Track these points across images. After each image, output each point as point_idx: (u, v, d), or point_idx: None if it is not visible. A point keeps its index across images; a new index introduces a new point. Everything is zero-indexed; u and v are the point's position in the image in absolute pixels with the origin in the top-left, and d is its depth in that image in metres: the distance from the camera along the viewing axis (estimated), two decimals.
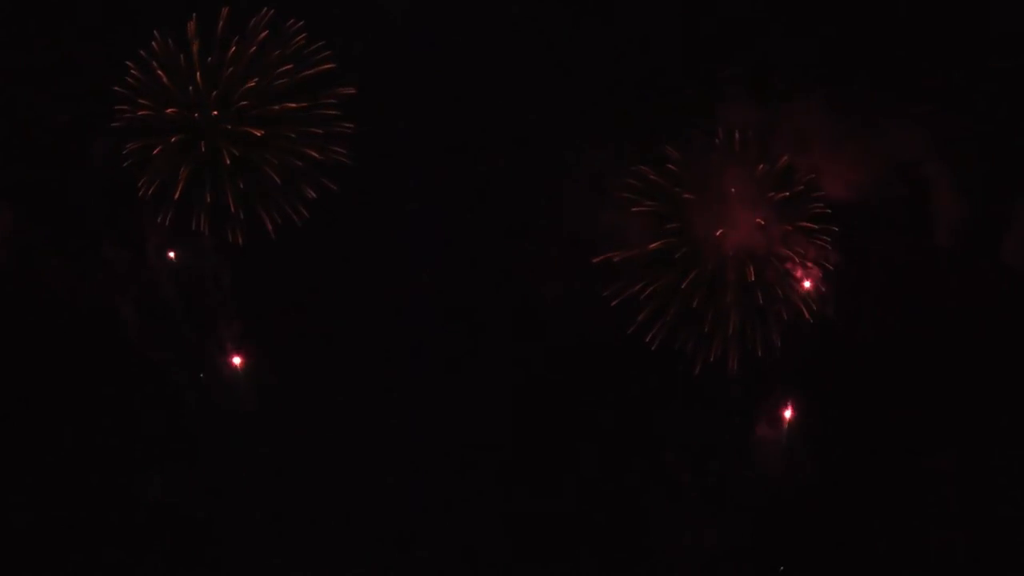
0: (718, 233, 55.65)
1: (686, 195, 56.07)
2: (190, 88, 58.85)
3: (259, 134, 59.09)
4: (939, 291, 56.75)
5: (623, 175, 56.63)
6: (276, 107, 59.27)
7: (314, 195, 60.09)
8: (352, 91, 59.77)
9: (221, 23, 58.88)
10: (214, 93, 58.97)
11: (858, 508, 57.87)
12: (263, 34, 59.12)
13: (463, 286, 59.69)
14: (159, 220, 59.11)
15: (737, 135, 55.90)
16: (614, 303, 56.25)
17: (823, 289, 55.93)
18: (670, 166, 56.64)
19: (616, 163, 56.90)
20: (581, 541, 59.20)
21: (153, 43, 58.82)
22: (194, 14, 58.27)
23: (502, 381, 59.32)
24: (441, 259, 59.66)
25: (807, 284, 55.78)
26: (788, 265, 55.57)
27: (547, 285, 57.95)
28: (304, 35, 59.14)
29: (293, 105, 59.46)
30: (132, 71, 58.93)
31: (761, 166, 55.68)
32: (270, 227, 60.00)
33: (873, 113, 55.41)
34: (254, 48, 59.01)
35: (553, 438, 59.42)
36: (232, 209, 59.36)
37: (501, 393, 59.36)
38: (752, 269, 55.43)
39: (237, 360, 59.61)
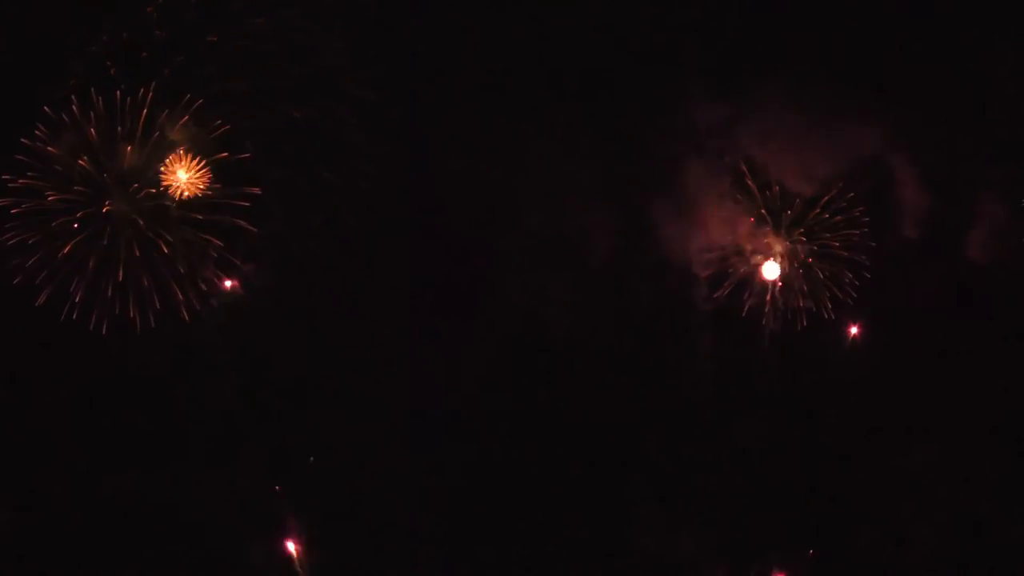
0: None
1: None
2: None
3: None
4: (904, 286, 56.81)
5: (580, 174, 55.97)
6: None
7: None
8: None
9: None
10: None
11: (838, 504, 57.88)
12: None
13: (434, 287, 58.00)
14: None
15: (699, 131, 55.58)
16: None
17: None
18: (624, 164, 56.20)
19: (573, 161, 56.09)
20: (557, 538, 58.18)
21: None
22: None
23: (474, 378, 57.96)
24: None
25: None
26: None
27: (514, 286, 56.80)
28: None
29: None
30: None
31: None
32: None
33: (835, 106, 54.81)
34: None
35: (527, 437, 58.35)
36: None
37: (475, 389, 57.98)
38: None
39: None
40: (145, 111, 48.62)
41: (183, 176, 50.20)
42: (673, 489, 57.32)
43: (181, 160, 50.02)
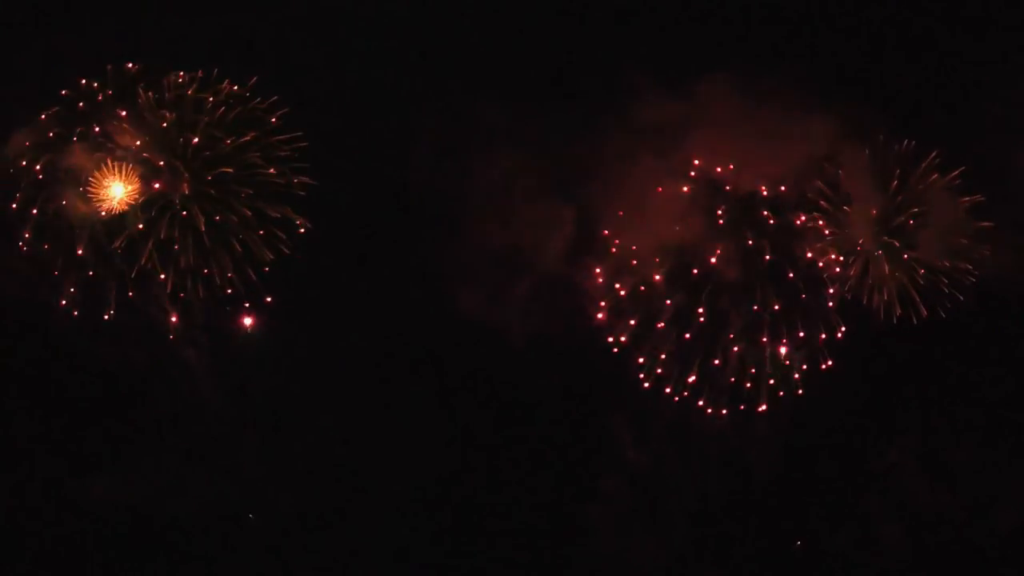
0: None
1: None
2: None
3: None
4: (853, 285, 56.48)
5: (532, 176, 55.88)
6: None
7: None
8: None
9: None
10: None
11: (809, 506, 57.73)
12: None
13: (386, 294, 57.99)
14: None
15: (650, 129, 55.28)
16: None
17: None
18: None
19: (524, 162, 55.91)
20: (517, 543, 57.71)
21: None
22: None
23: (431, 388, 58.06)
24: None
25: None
26: None
27: (464, 291, 56.21)
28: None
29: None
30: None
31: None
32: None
33: (788, 105, 54.97)
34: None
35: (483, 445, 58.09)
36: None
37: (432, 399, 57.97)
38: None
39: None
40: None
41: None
42: (640, 492, 56.81)
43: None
